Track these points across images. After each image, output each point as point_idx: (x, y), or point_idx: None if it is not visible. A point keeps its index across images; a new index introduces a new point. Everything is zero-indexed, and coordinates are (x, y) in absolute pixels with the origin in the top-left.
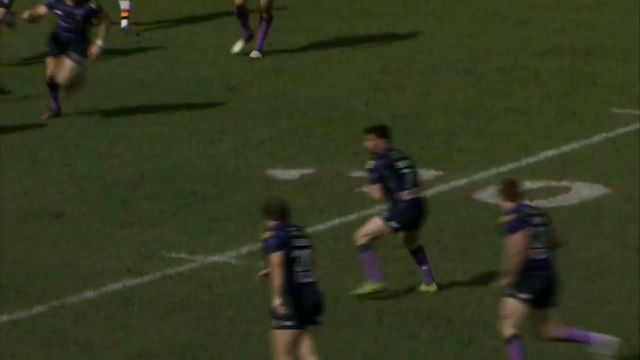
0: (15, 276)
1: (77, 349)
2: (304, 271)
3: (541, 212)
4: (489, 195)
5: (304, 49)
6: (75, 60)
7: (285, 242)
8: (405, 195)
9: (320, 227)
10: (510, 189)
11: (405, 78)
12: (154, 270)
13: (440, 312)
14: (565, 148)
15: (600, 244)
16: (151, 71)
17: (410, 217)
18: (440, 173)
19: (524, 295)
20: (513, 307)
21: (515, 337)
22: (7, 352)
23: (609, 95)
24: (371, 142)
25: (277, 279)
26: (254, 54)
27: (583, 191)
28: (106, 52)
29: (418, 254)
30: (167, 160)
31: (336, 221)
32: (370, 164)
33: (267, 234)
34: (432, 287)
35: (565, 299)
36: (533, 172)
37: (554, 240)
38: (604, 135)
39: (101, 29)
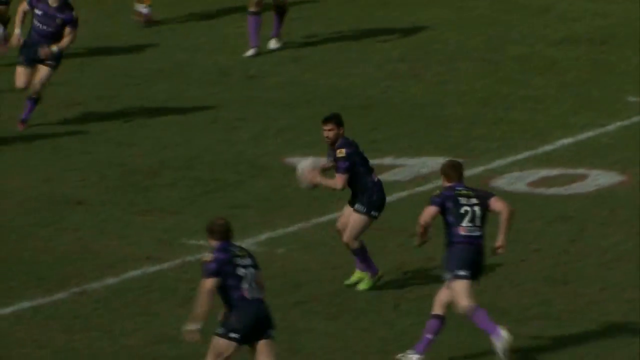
0: (37, 263)
1: (98, 335)
2: (250, 288)
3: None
4: (505, 182)
5: (323, 38)
6: (51, 66)
7: (225, 265)
8: (375, 177)
9: (338, 214)
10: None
11: (423, 67)
12: (174, 257)
13: None
14: (582, 136)
15: (616, 231)
16: (171, 60)
17: (382, 199)
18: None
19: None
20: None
21: None
22: (29, 337)
23: (625, 83)
24: (332, 132)
25: (201, 304)
26: (272, 43)
27: (599, 179)
28: (127, 41)
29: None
30: (187, 148)
31: None
32: (343, 152)
33: (207, 257)
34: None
35: (581, 286)
36: (549, 159)
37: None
38: (619, 123)
39: (66, 39)
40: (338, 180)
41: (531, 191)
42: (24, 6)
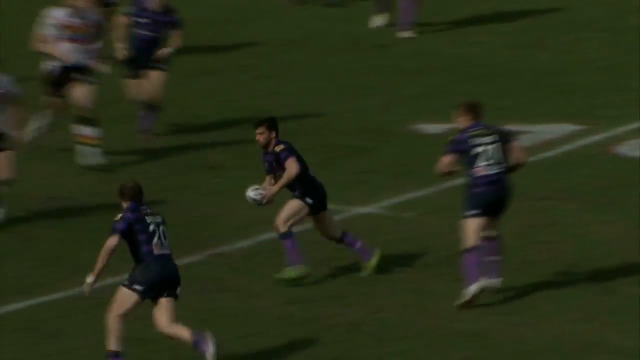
0: (176, 225)
1: (232, 295)
2: (159, 244)
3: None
4: (628, 149)
5: (450, 7)
6: (163, 69)
7: (135, 223)
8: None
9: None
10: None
11: (549, 36)
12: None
13: (585, 262)
14: None
15: None
16: (304, 30)
17: (322, 193)
18: (581, 128)
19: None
20: None
21: None
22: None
23: None
24: (263, 135)
25: (101, 259)
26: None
27: None
28: (262, 12)
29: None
30: (318, 114)
31: None
32: (281, 146)
33: (117, 216)
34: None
35: None
36: None
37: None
38: None
39: (176, 41)
40: (289, 166)
41: None
42: (123, 20)
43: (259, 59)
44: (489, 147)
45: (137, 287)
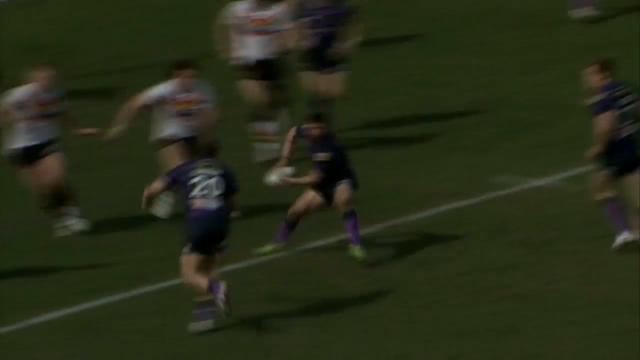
0: (354, 199)
1: (410, 265)
2: (204, 198)
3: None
4: None
5: None
6: (346, 69)
7: (181, 175)
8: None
9: None
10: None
11: None
12: (480, 193)
13: None
14: None
15: None
16: (482, 5)
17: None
18: None
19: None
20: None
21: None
22: (339, 266)
23: None
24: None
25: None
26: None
27: None
28: None
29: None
30: (496, 89)
31: None
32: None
33: None
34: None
35: None
36: None
37: None
38: None
39: (357, 32)
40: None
41: None
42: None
43: (439, 33)
44: (629, 107)
45: (185, 249)
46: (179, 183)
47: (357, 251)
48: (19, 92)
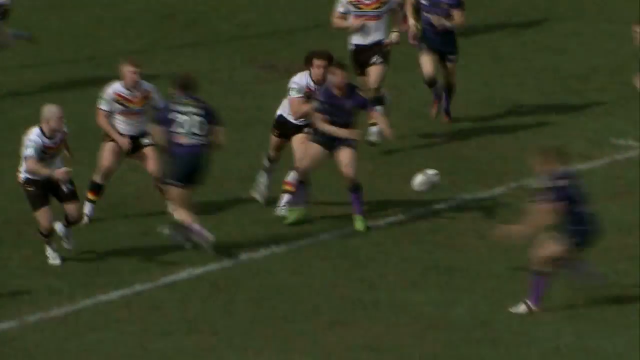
0: (477, 160)
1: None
2: (187, 134)
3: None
4: None
5: None
6: (454, 60)
7: (165, 112)
8: None
9: None
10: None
11: None
12: (603, 156)
13: None
14: None
15: None
16: None
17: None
18: None
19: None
20: None
21: None
22: (470, 227)
23: None
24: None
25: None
26: None
27: None
28: None
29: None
30: (616, 55)
31: None
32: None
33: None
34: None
35: None
36: None
37: None
38: None
39: (457, 19)
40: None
41: None
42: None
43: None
44: None
45: (170, 180)
46: (162, 122)
47: (358, 222)
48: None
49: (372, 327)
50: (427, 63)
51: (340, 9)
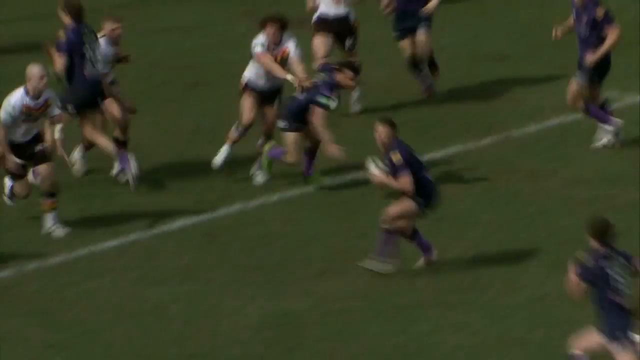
0: (465, 113)
1: (519, 177)
2: (91, 67)
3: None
4: None
5: None
6: (428, 26)
7: (74, 45)
8: None
9: None
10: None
11: None
12: None
13: None
14: None
15: None
16: None
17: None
18: None
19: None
20: None
21: None
22: (459, 178)
23: None
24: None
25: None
26: None
27: None
28: None
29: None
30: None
31: None
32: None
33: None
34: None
35: None
36: None
37: None
38: None
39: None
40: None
41: None
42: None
43: None
44: None
45: (69, 107)
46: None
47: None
48: None
49: (362, 275)
50: (406, 45)
51: None
